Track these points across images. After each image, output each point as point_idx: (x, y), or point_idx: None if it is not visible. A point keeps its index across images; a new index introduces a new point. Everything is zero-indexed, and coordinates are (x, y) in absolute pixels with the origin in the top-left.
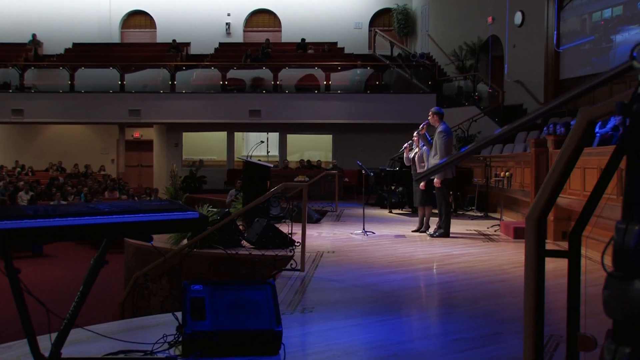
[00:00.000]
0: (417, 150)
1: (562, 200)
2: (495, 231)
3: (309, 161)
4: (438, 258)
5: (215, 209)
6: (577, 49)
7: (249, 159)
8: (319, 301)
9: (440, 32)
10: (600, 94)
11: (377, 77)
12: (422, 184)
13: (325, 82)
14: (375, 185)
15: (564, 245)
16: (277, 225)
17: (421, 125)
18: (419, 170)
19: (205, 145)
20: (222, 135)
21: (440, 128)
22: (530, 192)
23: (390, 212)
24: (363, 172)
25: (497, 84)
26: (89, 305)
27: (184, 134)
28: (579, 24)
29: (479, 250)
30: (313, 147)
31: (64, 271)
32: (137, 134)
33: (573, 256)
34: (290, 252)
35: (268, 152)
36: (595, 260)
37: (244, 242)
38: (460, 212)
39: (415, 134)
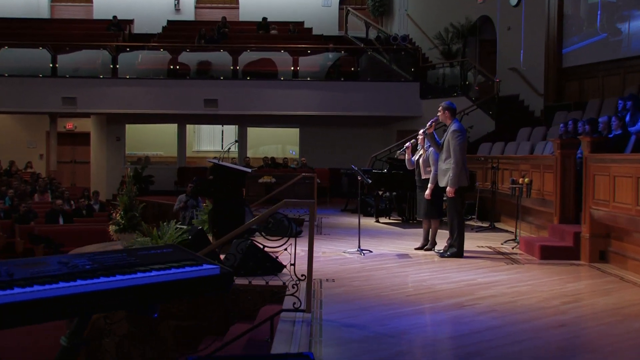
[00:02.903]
0: (421, 152)
1: (597, 213)
2: (512, 248)
3: (273, 159)
4: (464, 289)
5: (184, 226)
6: (583, 32)
7: (220, 162)
8: None
9: (421, 12)
10: (612, 84)
11: (352, 63)
12: (427, 192)
13: (292, 68)
14: (350, 188)
15: (602, 267)
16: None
17: (429, 123)
18: (424, 176)
19: (151, 139)
20: (171, 127)
21: (453, 126)
22: (553, 202)
23: (378, 221)
24: (359, 178)
25: (489, 72)
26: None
27: (127, 126)
28: (585, 7)
29: (508, 277)
30: (277, 142)
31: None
32: (70, 125)
33: None
34: (283, 279)
35: (228, 149)
36: None
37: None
38: None
39: (420, 132)
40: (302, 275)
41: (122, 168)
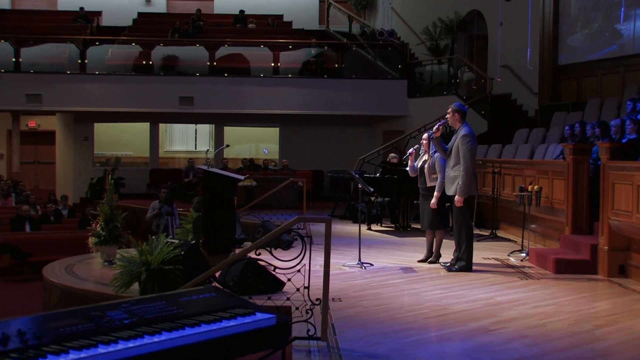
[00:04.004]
0: (426, 157)
1: (617, 224)
2: (522, 261)
3: (252, 160)
4: (484, 309)
5: (175, 240)
6: (580, 29)
7: (209, 168)
8: None
9: (407, 6)
10: (611, 83)
11: (336, 59)
12: (433, 201)
13: (273, 64)
14: (334, 191)
15: (622, 282)
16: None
17: (435, 127)
18: (429, 184)
19: (120, 139)
20: (141, 126)
21: (463, 130)
22: (564, 212)
23: (370, 228)
24: (360, 186)
25: (478, 69)
26: None
27: (96, 124)
28: (583, 2)
29: (527, 295)
30: (255, 142)
31: None
32: (32, 123)
33: None
34: (288, 300)
35: (208, 151)
36: None
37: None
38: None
39: (425, 137)
40: (316, 300)
41: (91, 169)
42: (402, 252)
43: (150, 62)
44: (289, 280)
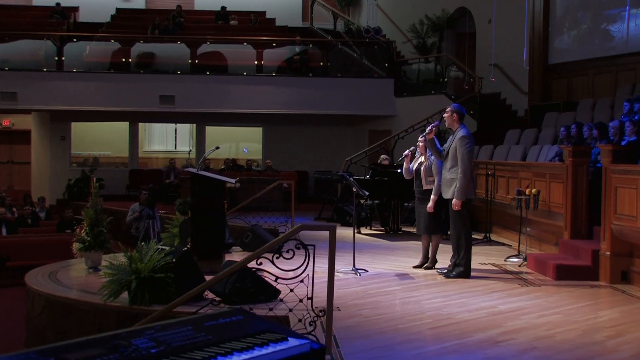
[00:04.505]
0: (421, 159)
1: (620, 229)
2: (520, 266)
3: (234, 160)
4: (488, 319)
5: (166, 247)
6: (571, 28)
7: (199, 172)
8: None
9: (392, 3)
10: (603, 83)
11: (321, 57)
12: (430, 205)
13: (256, 62)
14: (319, 193)
15: (626, 288)
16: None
17: (428, 128)
18: (425, 187)
19: (98, 138)
20: (120, 125)
21: (461, 132)
22: (562, 216)
23: (359, 232)
24: (354, 189)
25: (468, 69)
26: None
27: (73, 124)
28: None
29: (531, 303)
30: (237, 142)
31: None
32: (6, 121)
33: None
34: (286, 310)
35: (190, 151)
36: None
37: (208, 294)
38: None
39: (420, 138)
40: (320, 311)
41: (68, 170)
42: (395, 257)
43: (130, 60)
44: (291, 291)
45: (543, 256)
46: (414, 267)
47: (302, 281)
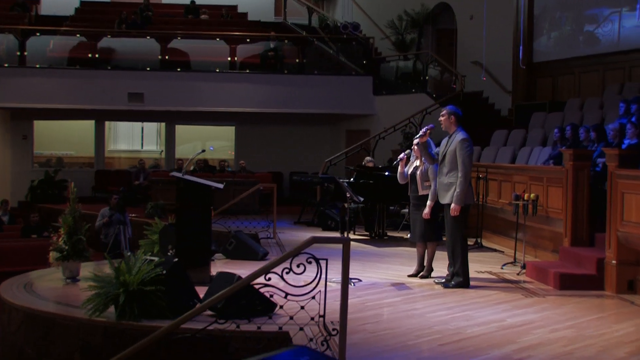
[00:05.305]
0: (417, 163)
1: (627, 236)
2: (518, 274)
3: (206, 161)
4: (499, 333)
5: (154, 257)
6: (556, 25)
7: (184, 176)
8: None
9: None
10: (590, 82)
11: (297, 54)
12: (426, 211)
13: (230, 58)
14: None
15: (633, 299)
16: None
17: (422, 130)
18: (421, 192)
19: (61, 137)
20: (83, 124)
21: (460, 135)
22: (562, 222)
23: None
24: (347, 195)
25: (450, 66)
26: None
27: (36, 122)
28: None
29: (540, 316)
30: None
31: None
32: None
33: None
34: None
35: (162, 151)
36: None
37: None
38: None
39: (415, 142)
40: (333, 330)
41: (30, 170)
42: (387, 265)
43: (97, 55)
44: (302, 308)
45: (543, 264)
46: (409, 275)
47: (313, 297)
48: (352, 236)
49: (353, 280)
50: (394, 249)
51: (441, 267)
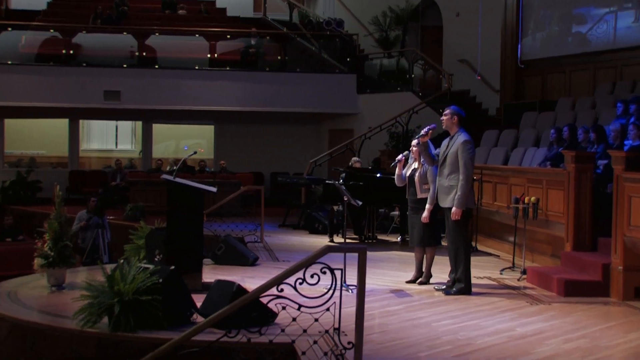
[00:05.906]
0: (415, 165)
1: (634, 241)
2: (518, 280)
3: (184, 161)
4: (511, 344)
5: (149, 265)
6: (545, 23)
7: (174, 179)
8: None
9: None
10: (580, 80)
11: (278, 51)
12: (425, 215)
13: (209, 55)
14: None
15: (638, 305)
16: None
17: (423, 131)
18: (420, 195)
19: (32, 136)
20: (56, 122)
21: (463, 136)
22: (564, 226)
23: (332, 240)
24: (345, 198)
25: (436, 64)
26: None
27: (7, 120)
28: None
29: (549, 325)
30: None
31: None
32: None
33: None
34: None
35: (141, 152)
36: None
37: (197, 317)
38: None
39: (414, 143)
40: (348, 343)
41: (0, 171)
42: (383, 271)
43: (71, 52)
44: (316, 320)
45: (545, 270)
46: (407, 282)
47: (328, 309)
48: (340, 239)
49: (350, 287)
50: (386, 253)
51: (439, 272)
